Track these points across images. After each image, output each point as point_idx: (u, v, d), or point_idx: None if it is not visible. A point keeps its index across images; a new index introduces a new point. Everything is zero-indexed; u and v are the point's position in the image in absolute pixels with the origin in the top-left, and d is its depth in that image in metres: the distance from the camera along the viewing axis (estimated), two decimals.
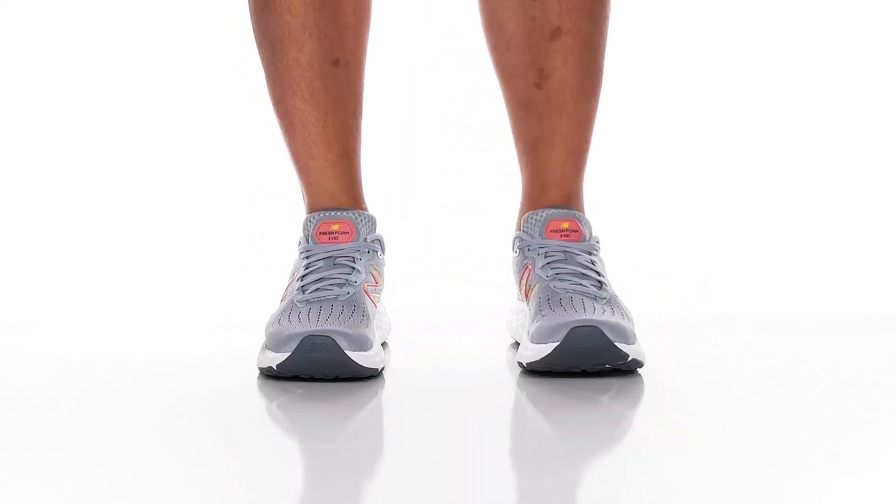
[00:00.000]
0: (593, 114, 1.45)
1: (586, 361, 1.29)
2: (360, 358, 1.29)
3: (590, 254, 1.41)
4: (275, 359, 1.29)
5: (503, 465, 1.02)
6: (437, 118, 2.19)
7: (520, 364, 1.34)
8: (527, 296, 1.42)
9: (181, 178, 2.21)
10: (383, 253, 1.45)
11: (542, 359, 1.29)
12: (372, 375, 1.31)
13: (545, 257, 1.41)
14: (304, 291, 1.36)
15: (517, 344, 1.46)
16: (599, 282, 1.38)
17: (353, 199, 1.44)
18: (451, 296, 1.87)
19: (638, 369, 1.33)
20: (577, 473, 0.99)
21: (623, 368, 1.31)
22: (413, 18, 2.08)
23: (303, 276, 1.38)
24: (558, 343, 1.28)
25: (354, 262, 1.39)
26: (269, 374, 1.31)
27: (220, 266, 2.08)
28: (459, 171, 2.20)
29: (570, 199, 1.45)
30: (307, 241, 1.42)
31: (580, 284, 1.37)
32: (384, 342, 1.49)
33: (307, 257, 1.40)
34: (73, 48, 2.23)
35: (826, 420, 1.16)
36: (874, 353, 1.51)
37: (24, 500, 0.91)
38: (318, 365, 1.28)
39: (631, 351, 1.30)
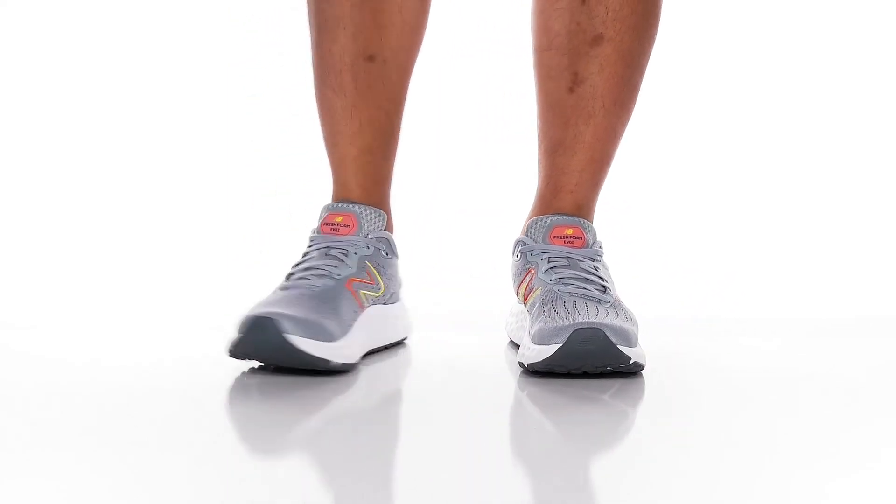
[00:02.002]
0: (621, 129, 1.44)
1: (588, 363, 1.29)
2: (309, 346, 1.25)
3: (593, 260, 1.41)
4: (230, 341, 1.28)
5: (504, 465, 1.02)
6: (456, 123, 2.20)
7: (520, 364, 1.34)
8: (525, 299, 1.42)
9: (181, 178, 2.22)
10: (392, 254, 1.44)
11: (544, 360, 1.29)
12: (330, 370, 1.28)
13: (548, 262, 1.40)
14: (288, 278, 1.36)
15: (516, 346, 1.45)
16: (603, 286, 1.38)
17: (367, 194, 1.44)
18: (451, 297, 1.87)
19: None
20: (578, 473, 0.99)
21: (624, 371, 1.31)
22: (448, 24, 2.08)
23: (297, 264, 1.39)
24: (561, 344, 1.28)
25: (347, 255, 1.39)
26: (233, 357, 1.29)
27: (220, 266, 2.08)
28: (463, 173, 2.20)
29: (580, 209, 1.44)
30: (315, 231, 1.42)
31: (584, 288, 1.37)
32: (392, 345, 1.48)
33: (309, 246, 1.41)
34: (74, 49, 2.23)
35: (826, 421, 1.16)
36: (874, 355, 1.51)
37: (25, 500, 0.91)
38: (260, 346, 1.25)
39: (632, 354, 1.29)
